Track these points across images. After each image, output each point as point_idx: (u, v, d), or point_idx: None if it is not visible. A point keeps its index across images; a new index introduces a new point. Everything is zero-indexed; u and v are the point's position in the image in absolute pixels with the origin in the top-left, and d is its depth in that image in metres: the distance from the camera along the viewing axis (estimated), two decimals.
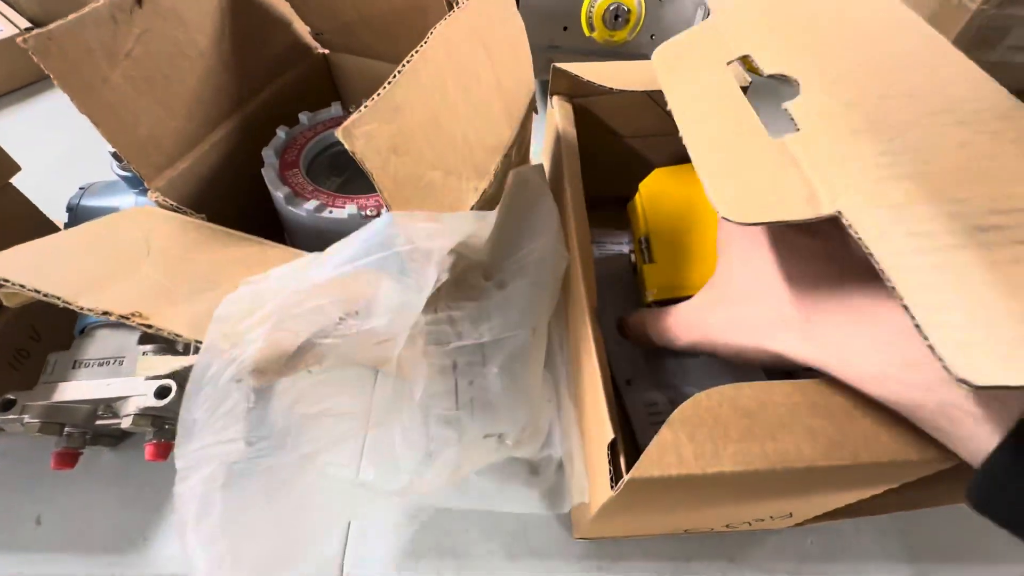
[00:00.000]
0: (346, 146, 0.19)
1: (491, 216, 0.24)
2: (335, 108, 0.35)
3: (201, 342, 0.18)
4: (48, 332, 0.36)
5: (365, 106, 0.20)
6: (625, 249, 0.48)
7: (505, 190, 0.26)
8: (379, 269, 0.19)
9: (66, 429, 0.33)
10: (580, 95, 0.39)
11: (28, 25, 0.60)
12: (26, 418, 0.31)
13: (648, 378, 0.40)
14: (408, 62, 0.22)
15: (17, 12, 0.61)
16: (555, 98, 0.38)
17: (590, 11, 0.48)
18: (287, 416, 0.20)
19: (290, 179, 0.30)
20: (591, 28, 0.49)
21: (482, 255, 0.25)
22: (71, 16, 0.24)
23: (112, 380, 0.32)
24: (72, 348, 0.34)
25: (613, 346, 0.40)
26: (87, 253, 0.23)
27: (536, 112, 0.36)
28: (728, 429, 0.21)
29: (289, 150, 0.32)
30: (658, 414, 0.38)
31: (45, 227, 0.38)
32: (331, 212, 0.28)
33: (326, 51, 0.38)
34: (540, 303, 0.25)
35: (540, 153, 0.45)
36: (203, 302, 0.20)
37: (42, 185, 0.37)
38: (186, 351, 0.31)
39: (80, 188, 0.39)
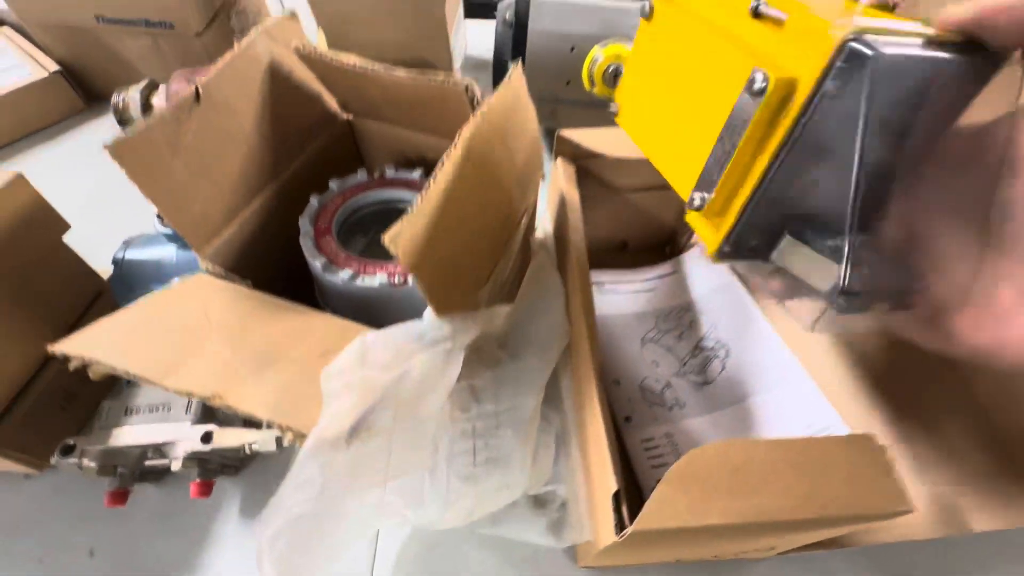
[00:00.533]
0: (391, 251, 0.23)
1: (513, 307, 0.27)
2: (361, 174, 0.39)
3: (273, 423, 0.21)
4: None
5: (405, 216, 0.23)
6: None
7: (525, 277, 0.30)
8: (424, 353, 0.23)
9: (119, 469, 0.36)
10: (582, 157, 0.42)
11: (57, 68, 0.63)
12: (85, 461, 0.35)
13: (646, 414, 0.43)
14: (439, 170, 0.25)
15: (46, 55, 0.64)
16: (559, 159, 0.42)
17: (591, 69, 0.52)
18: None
19: (324, 247, 0.34)
20: (591, 84, 0.53)
21: (499, 328, 0.29)
22: (143, 123, 0.27)
23: (161, 426, 0.36)
24: (123, 396, 0.37)
25: (612, 385, 0.44)
26: (159, 330, 0.27)
27: (544, 178, 0.39)
28: (718, 484, 0.24)
29: (322, 217, 0.36)
30: (655, 448, 0.41)
31: (91, 279, 0.42)
32: (363, 280, 0.32)
33: (350, 116, 0.42)
34: (544, 374, 0.29)
35: (545, 201, 0.48)
36: (266, 381, 0.24)
37: (76, 223, 0.39)
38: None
39: (124, 242, 0.43)
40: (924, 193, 0.19)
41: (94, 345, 0.25)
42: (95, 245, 0.42)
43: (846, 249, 0.19)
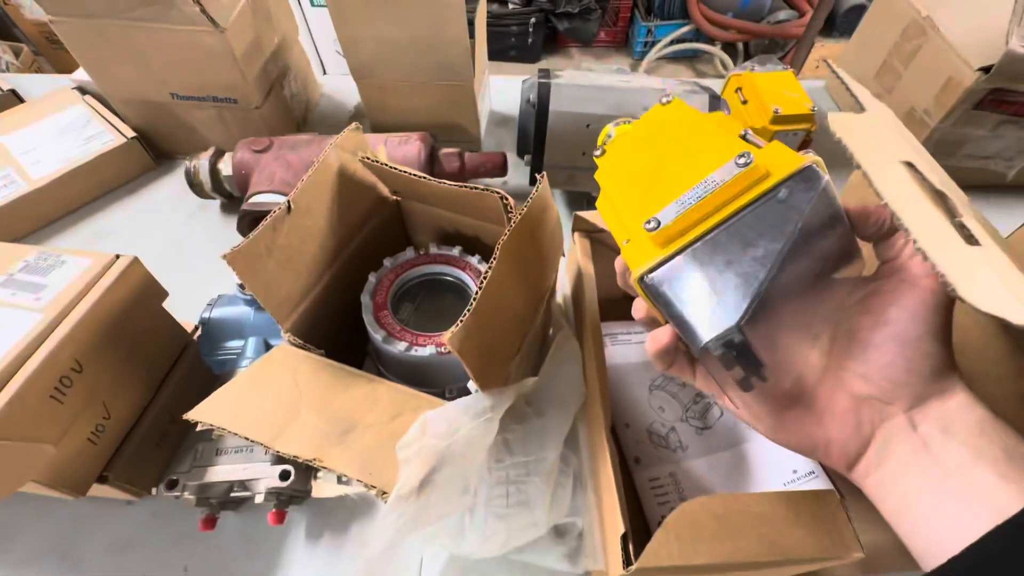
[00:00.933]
0: (450, 349, 0.30)
1: (540, 374, 0.34)
2: (409, 251, 0.46)
3: (362, 482, 0.28)
4: (117, 411, 0.44)
5: (461, 321, 0.30)
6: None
7: (551, 350, 0.37)
8: (470, 423, 0.30)
9: (210, 500, 0.44)
10: (595, 232, 0.49)
11: (134, 135, 0.72)
12: (185, 494, 0.42)
13: (653, 455, 0.49)
14: (485, 279, 0.32)
15: (124, 122, 0.73)
16: (576, 234, 0.49)
17: (605, 143, 0.58)
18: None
19: (383, 320, 0.41)
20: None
21: (528, 391, 0.36)
22: (251, 234, 0.34)
23: (247, 465, 0.43)
24: (214, 439, 0.45)
25: (623, 428, 0.51)
26: (261, 399, 0.34)
27: (564, 255, 0.46)
28: (703, 531, 0.31)
29: (379, 292, 0.43)
30: (661, 487, 0.48)
31: (180, 333, 0.50)
32: (416, 351, 0.39)
33: (398, 198, 0.49)
34: (563, 430, 0.36)
35: (564, 267, 0.55)
36: (350, 444, 0.31)
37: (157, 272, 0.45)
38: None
39: (208, 303, 0.50)
40: (789, 306, 0.25)
41: (216, 415, 0.32)
42: (171, 291, 0.49)
43: (737, 317, 0.23)
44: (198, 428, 0.32)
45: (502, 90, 0.86)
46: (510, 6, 2.07)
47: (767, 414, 0.27)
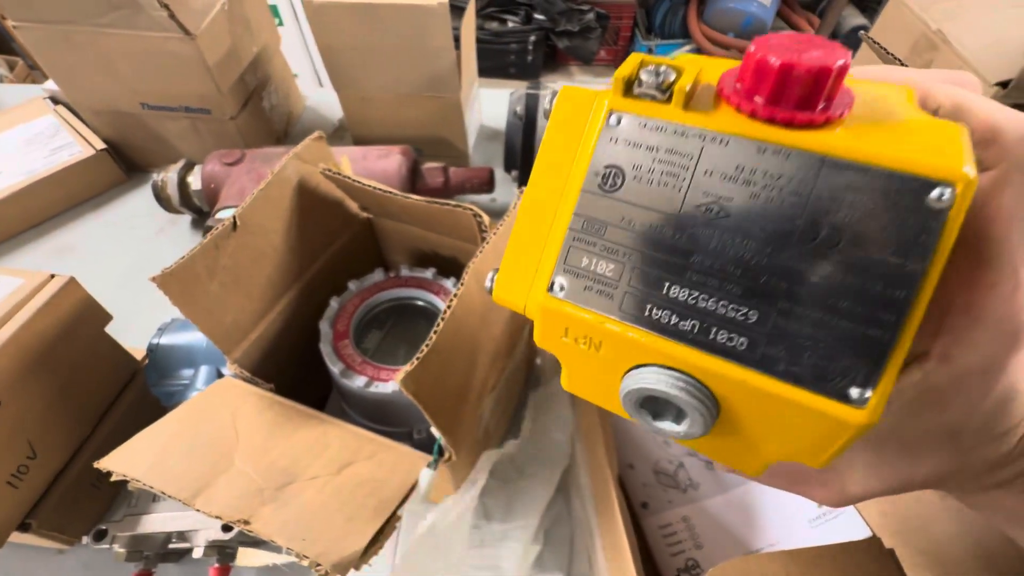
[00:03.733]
0: (405, 392, 0.25)
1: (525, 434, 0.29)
2: (377, 274, 0.42)
3: (292, 549, 0.24)
4: (45, 450, 0.38)
5: (417, 358, 0.26)
6: None
7: (535, 404, 0.32)
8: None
9: (144, 553, 0.38)
10: None
11: (103, 147, 0.68)
12: (115, 547, 0.37)
13: (661, 498, 0.44)
14: (449, 307, 0.28)
15: (94, 133, 0.70)
16: None
17: None
18: None
19: (342, 352, 0.36)
20: None
21: (512, 449, 0.31)
22: (187, 254, 0.30)
23: (186, 514, 0.38)
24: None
25: (626, 470, 0.46)
26: (191, 445, 0.29)
27: None
28: None
29: (340, 319, 0.39)
30: (673, 534, 0.42)
31: (127, 361, 0.45)
32: (377, 387, 0.34)
33: (369, 216, 0.45)
34: (546, 497, 0.31)
35: None
36: (286, 501, 0.26)
37: (113, 291, 0.40)
38: None
39: (159, 328, 0.46)
40: None
41: (133, 464, 0.27)
42: (130, 313, 0.44)
43: None
44: (112, 479, 0.28)
45: (492, 104, 0.83)
46: (509, 24, 2.07)
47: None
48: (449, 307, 0.27)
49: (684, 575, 0.39)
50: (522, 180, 0.59)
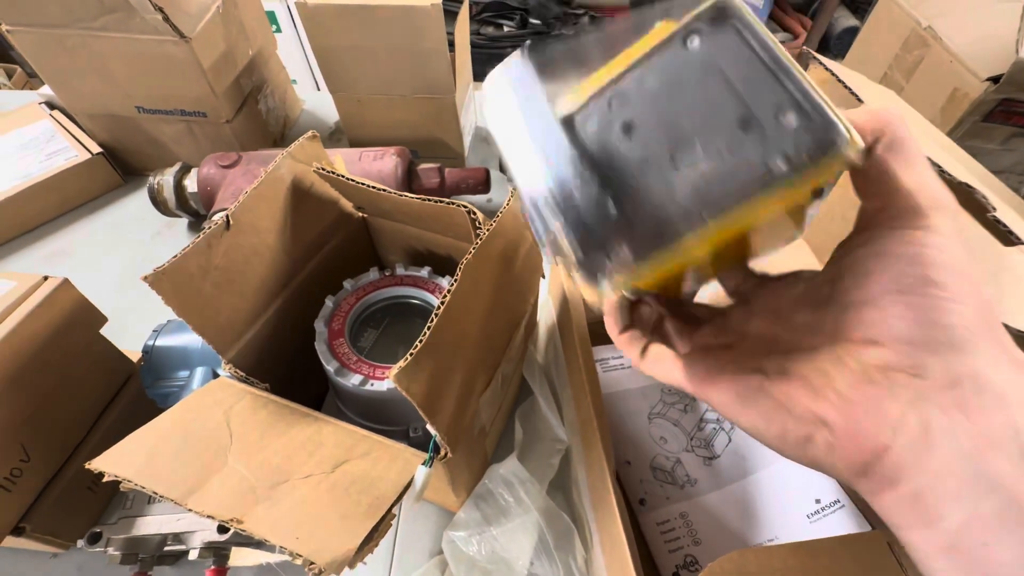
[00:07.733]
0: (399, 388, 0.25)
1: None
2: (373, 273, 0.42)
3: (285, 550, 0.23)
4: (38, 453, 0.38)
5: (411, 354, 0.26)
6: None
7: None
8: None
9: (140, 556, 0.38)
10: None
11: (100, 151, 0.68)
12: (110, 550, 0.37)
13: (659, 494, 0.44)
14: (443, 304, 0.27)
15: (90, 137, 0.70)
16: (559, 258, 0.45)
17: None
18: None
19: (337, 350, 0.36)
20: None
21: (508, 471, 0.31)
22: (179, 253, 0.30)
23: (181, 515, 0.38)
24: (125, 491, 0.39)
25: (624, 466, 0.45)
26: (184, 444, 0.29)
27: (544, 276, 0.42)
28: None
29: (336, 318, 0.39)
30: (671, 530, 0.42)
31: (123, 363, 0.45)
32: (372, 385, 0.34)
33: (364, 215, 0.45)
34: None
35: (547, 291, 0.51)
36: (279, 499, 0.26)
37: (110, 294, 0.40)
38: None
39: (154, 330, 0.46)
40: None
41: (125, 464, 0.27)
42: (126, 315, 0.44)
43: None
44: (104, 479, 0.28)
45: None
46: (505, 29, 2.08)
47: (725, 376, 0.19)
48: (443, 304, 0.27)
49: (682, 571, 0.39)
50: None
